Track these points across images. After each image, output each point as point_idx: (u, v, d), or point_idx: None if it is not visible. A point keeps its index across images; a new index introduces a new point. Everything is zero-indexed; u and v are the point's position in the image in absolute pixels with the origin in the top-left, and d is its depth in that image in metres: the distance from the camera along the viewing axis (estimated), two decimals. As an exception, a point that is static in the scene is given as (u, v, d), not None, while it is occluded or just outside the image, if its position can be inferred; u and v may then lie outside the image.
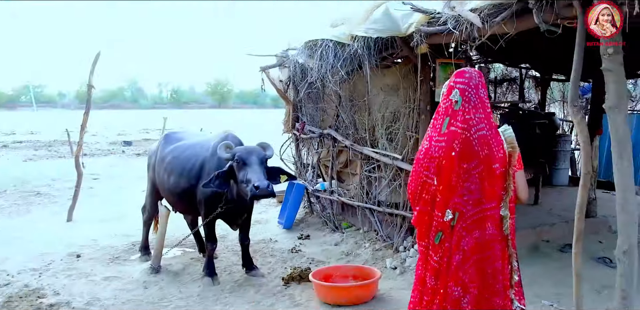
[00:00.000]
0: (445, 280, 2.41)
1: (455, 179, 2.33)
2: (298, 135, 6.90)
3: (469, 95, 2.34)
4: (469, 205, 2.35)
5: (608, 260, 4.81)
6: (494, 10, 3.22)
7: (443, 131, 2.37)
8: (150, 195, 5.40)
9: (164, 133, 5.42)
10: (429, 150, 2.42)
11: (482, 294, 2.42)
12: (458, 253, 2.38)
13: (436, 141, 2.39)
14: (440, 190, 2.38)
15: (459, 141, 2.30)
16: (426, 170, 2.43)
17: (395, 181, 5.31)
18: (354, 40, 4.78)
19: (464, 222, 2.36)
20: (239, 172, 4.02)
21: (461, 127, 2.31)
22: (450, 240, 2.39)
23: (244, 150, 4.07)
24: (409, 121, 4.97)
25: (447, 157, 2.33)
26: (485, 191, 2.36)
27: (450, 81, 2.45)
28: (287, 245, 6.05)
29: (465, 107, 2.32)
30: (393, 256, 5.14)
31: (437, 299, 2.44)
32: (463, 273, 2.38)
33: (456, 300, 2.39)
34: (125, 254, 5.78)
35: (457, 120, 2.32)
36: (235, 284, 4.72)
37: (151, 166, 5.27)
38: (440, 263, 2.43)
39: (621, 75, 2.94)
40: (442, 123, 2.37)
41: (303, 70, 6.04)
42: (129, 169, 12.85)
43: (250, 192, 3.83)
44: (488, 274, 2.42)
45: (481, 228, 2.38)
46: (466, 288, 2.39)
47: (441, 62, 4.86)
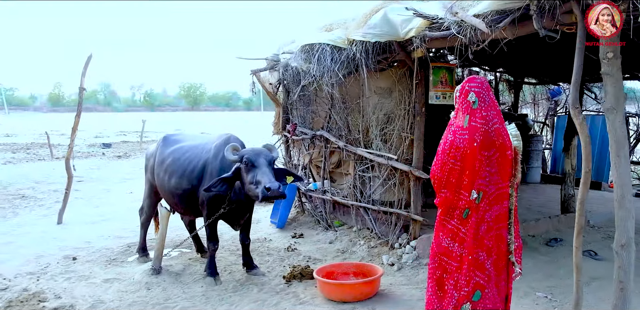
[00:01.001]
0: (472, 247, 2.84)
1: (478, 165, 2.75)
2: (289, 137, 7.01)
3: (484, 97, 2.81)
4: (491, 185, 2.80)
5: (593, 253, 5.07)
6: (497, 16, 3.40)
7: (465, 126, 2.78)
8: (148, 197, 5.43)
9: (163, 135, 5.44)
10: (454, 141, 2.82)
11: (500, 257, 2.91)
12: (483, 224, 2.83)
13: (460, 134, 2.80)
14: (466, 174, 2.79)
15: (480, 133, 2.73)
16: (453, 159, 2.83)
17: (389, 180, 5.48)
18: (352, 45, 4.93)
19: (487, 199, 2.80)
20: (247, 173, 4.08)
21: (480, 122, 2.75)
22: (477, 214, 2.82)
23: (251, 152, 4.14)
24: (404, 123, 5.14)
25: (470, 147, 2.75)
26: (501, 173, 2.82)
27: (464, 86, 2.89)
28: (282, 244, 6.15)
29: (481, 106, 2.79)
30: (389, 253, 5.30)
31: (464, 265, 2.84)
32: (488, 240, 2.85)
33: (481, 264, 2.84)
34: (122, 255, 5.79)
35: (476, 116, 2.77)
36: (237, 284, 4.79)
37: (149, 168, 5.30)
38: (466, 234, 2.86)
39: (619, 78, 3.14)
40: (464, 119, 2.79)
41: (297, 73, 6.15)
42: (111, 171, 12.72)
43: (261, 194, 3.89)
44: (504, 240, 2.92)
45: (499, 203, 2.85)
46: (490, 252, 2.86)
47: (434, 66, 5.07)
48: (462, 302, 2.87)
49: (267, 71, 7.21)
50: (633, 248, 3.29)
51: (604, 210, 6.83)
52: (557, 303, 4.11)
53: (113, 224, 7.20)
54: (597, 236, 5.80)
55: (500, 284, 2.97)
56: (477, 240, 2.84)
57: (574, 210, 6.33)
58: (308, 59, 5.30)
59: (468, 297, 2.86)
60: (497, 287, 2.93)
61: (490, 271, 2.89)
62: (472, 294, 2.86)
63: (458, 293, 2.89)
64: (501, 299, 2.98)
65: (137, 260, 5.55)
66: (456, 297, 2.90)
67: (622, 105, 3.24)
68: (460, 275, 2.88)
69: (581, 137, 3.32)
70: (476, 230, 2.84)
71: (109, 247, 6.08)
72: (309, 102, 6.73)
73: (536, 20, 3.41)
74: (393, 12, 4.43)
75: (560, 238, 5.52)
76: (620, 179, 3.21)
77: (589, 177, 3.32)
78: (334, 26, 5.51)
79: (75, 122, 6.53)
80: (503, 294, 3.00)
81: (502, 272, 2.98)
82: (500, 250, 2.93)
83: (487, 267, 2.87)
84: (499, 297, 2.94)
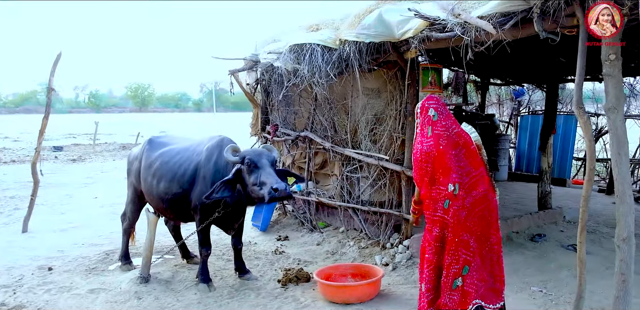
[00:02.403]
0: (457, 230, 3.21)
1: (449, 163, 3.17)
2: (270, 138, 6.90)
3: (441, 110, 3.29)
4: (464, 177, 3.21)
5: (577, 247, 5.26)
6: (502, 18, 3.47)
7: (429, 135, 3.25)
8: (131, 202, 5.20)
9: (148, 138, 5.21)
10: (422, 149, 3.28)
11: (484, 234, 3.28)
12: (464, 210, 3.19)
13: (426, 142, 3.26)
14: (440, 172, 3.21)
15: (443, 138, 3.19)
16: (425, 163, 3.27)
17: (379, 181, 5.49)
18: (343, 45, 4.91)
19: (463, 188, 3.19)
20: (249, 175, 3.96)
21: (441, 129, 3.22)
22: (457, 203, 3.19)
23: (253, 153, 4.03)
24: (396, 123, 5.17)
25: (437, 150, 3.19)
26: (472, 164, 3.26)
27: (423, 104, 3.37)
28: (268, 247, 6.05)
29: (440, 118, 3.26)
30: (381, 253, 5.32)
31: (452, 246, 3.23)
32: (470, 222, 3.21)
33: (465, 242, 3.21)
34: (101, 264, 5.51)
35: (437, 126, 3.24)
36: (232, 289, 4.66)
37: (133, 172, 5.07)
38: (450, 220, 3.23)
39: (620, 79, 3.27)
40: (427, 130, 3.27)
41: (280, 74, 6.06)
42: (69, 175, 12.15)
43: (268, 195, 3.79)
44: (487, 219, 3.28)
45: (476, 189, 3.24)
46: (472, 232, 3.23)
47: (423, 67, 5.13)
48: (454, 277, 3.24)
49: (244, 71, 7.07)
50: (633, 242, 3.42)
51: (576, 205, 7.14)
52: (553, 296, 4.24)
53: (85, 231, 6.85)
54: (576, 231, 6.00)
55: (485, 256, 3.32)
56: (460, 224, 3.21)
57: (551, 207, 6.62)
58: (298, 59, 5.22)
59: (459, 272, 3.24)
60: (481, 258, 3.30)
61: (474, 247, 3.26)
62: (462, 269, 3.24)
63: (449, 271, 3.25)
64: (487, 271, 3.33)
65: (119, 268, 5.29)
66: (451, 275, 3.25)
67: (622, 105, 3.38)
68: (450, 255, 3.24)
69: (585, 136, 3.44)
70: (459, 215, 3.21)
71: (85, 255, 5.77)
72: (291, 102, 6.66)
73: (537, 23, 3.50)
74: (388, 13, 4.44)
75: (543, 234, 5.72)
76: (621, 176, 3.33)
77: (592, 174, 3.45)
78: (322, 26, 5.47)
79: (43, 124, 6.17)
80: (488, 266, 3.34)
81: (485, 245, 3.32)
82: (482, 227, 3.29)
83: (471, 244, 3.24)
84: (483, 267, 3.30)
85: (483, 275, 3.28)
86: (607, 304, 3.98)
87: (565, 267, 4.84)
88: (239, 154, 4.03)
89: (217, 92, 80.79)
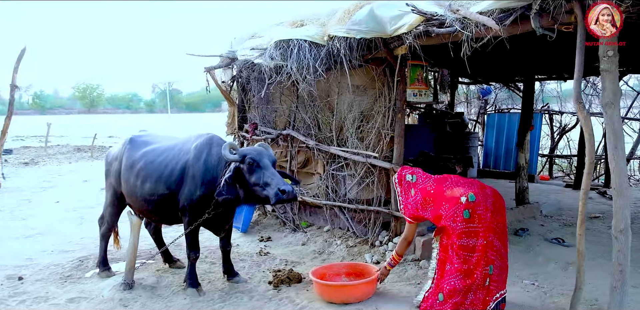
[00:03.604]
0: (486, 233, 3.49)
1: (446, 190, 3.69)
2: (248, 137, 6.74)
3: (417, 173, 3.92)
4: (472, 186, 3.65)
5: (561, 240, 5.42)
6: (502, 14, 3.49)
7: (413, 194, 3.84)
8: (110, 205, 4.92)
9: (128, 137, 4.93)
10: (416, 202, 3.80)
11: (503, 230, 3.65)
12: (488, 211, 3.52)
13: (413, 200, 3.82)
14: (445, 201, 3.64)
15: (430, 185, 3.79)
16: (423, 209, 3.78)
17: (366, 178, 5.45)
18: (332, 41, 4.83)
19: (478, 194, 3.54)
20: (251, 174, 3.80)
21: (423, 182, 3.83)
22: (480, 208, 3.51)
23: (254, 152, 3.87)
24: (384, 120, 5.13)
25: (429, 194, 3.74)
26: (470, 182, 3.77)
27: (400, 173, 3.99)
28: (251, 248, 5.89)
29: (418, 177, 3.88)
30: (371, 251, 5.28)
31: (482, 250, 3.47)
32: (494, 223, 3.53)
33: (491, 243, 3.50)
34: (76, 271, 5.18)
35: (417, 183, 3.85)
36: (222, 293, 4.49)
37: (113, 173, 4.80)
38: (478, 226, 3.51)
39: (617, 75, 3.34)
40: (410, 192, 3.86)
41: (261, 71, 5.90)
42: (24, 179, 11.47)
43: (275, 197, 3.65)
44: (503, 211, 3.69)
45: (485, 188, 3.68)
46: (495, 231, 3.53)
47: (411, 64, 5.13)
48: (485, 278, 3.51)
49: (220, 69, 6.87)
50: (630, 233, 3.52)
51: (549, 200, 7.37)
52: (546, 289, 4.31)
53: (52, 238, 6.46)
54: (554, 225, 6.23)
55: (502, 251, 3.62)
56: (487, 227, 3.49)
57: (529, 202, 6.78)
58: (284, 56, 5.10)
59: (487, 273, 3.50)
60: (501, 255, 3.61)
61: (497, 247, 3.56)
62: (489, 269, 3.50)
63: (481, 273, 3.49)
64: (503, 264, 3.65)
65: (97, 275, 4.99)
66: (482, 276, 3.51)
67: (619, 100, 3.46)
68: (481, 259, 3.50)
69: (585, 130, 3.50)
70: (485, 218, 3.50)
71: (57, 262, 5.42)
72: (271, 100, 6.52)
73: (534, 19, 3.55)
74: (380, 9, 4.40)
75: (525, 228, 5.84)
76: (619, 169, 3.41)
77: (591, 168, 3.52)
78: (307, 22, 5.38)
79: (6, 124, 5.69)
80: (504, 260, 3.66)
81: (503, 240, 3.64)
82: (503, 223, 3.64)
83: (495, 244, 3.53)
84: (501, 262, 3.62)
85: (501, 267, 3.60)
86: (599, 294, 4.09)
87: (552, 260, 4.95)
88: (238, 152, 3.86)
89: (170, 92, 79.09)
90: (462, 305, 3.55)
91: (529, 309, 3.83)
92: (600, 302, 3.95)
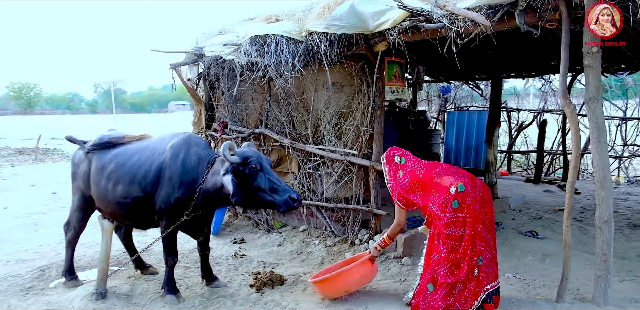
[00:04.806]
0: (473, 224, 3.49)
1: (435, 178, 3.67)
2: (217, 136, 6.52)
3: (405, 155, 3.91)
4: (462, 176, 3.61)
5: (535, 233, 5.56)
6: (490, 10, 3.51)
7: (401, 176, 3.81)
8: (78, 210, 4.60)
9: (97, 137, 4.62)
10: (405, 184, 3.77)
11: (491, 221, 3.64)
12: (476, 202, 3.51)
13: (402, 182, 3.79)
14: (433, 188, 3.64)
15: (419, 169, 3.77)
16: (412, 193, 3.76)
17: (344, 177, 5.38)
18: (311, 36, 4.72)
19: (468, 184, 3.54)
20: (254, 178, 3.62)
21: (411, 165, 3.82)
22: (468, 198, 3.50)
23: (254, 154, 3.68)
24: (363, 117, 5.08)
25: (417, 178, 3.73)
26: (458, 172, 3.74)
27: (388, 154, 3.95)
28: (225, 251, 5.70)
29: (407, 160, 3.87)
30: (351, 250, 5.21)
31: (470, 240, 3.48)
32: (482, 214, 3.53)
33: (480, 234, 3.51)
34: (39, 282, 4.82)
35: (406, 166, 3.84)
36: (203, 298, 4.29)
37: (80, 176, 4.49)
38: (467, 216, 3.49)
39: (599, 71, 3.45)
40: (398, 174, 3.83)
41: (232, 67, 5.71)
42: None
43: (285, 205, 3.53)
44: (490, 203, 3.66)
45: (475, 179, 3.65)
46: (484, 223, 3.55)
47: (388, 61, 5.10)
48: (473, 269, 3.51)
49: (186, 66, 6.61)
50: (612, 223, 3.64)
51: (513, 194, 7.58)
52: (528, 281, 4.41)
53: (5, 246, 5.98)
54: (524, 218, 6.40)
55: (490, 243, 3.64)
56: (475, 217, 3.50)
57: (498, 197, 6.94)
58: (260, 52, 4.93)
59: (476, 263, 3.51)
60: (489, 246, 3.62)
61: (486, 238, 3.56)
62: (477, 260, 3.50)
63: (471, 263, 3.49)
64: (492, 256, 3.65)
65: (63, 285, 4.66)
66: (471, 267, 3.51)
67: (600, 95, 3.57)
68: (469, 249, 3.49)
69: (571, 125, 3.59)
70: (474, 209, 3.51)
71: (15, 273, 5.01)
72: (241, 98, 6.33)
73: (519, 16, 3.60)
74: (362, 4, 4.34)
75: (499, 222, 5.95)
76: (602, 162, 3.54)
77: (578, 161, 3.61)
78: (281, 17, 5.24)
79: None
80: (493, 252, 3.67)
81: (491, 231, 3.64)
82: (491, 214, 3.64)
83: (484, 235, 3.54)
84: (490, 254, 3.62)
85: (491, 259, 3.61)
86: (579, 284, 4.22)
87: (528, 252, 5.07)
88: (238, 154, 3.67)
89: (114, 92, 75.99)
90: (452, 295, 3.54)
91: (517, 301, 3.88)
92: (582, 291, 4.05)
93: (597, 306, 3.64)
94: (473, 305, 3.50)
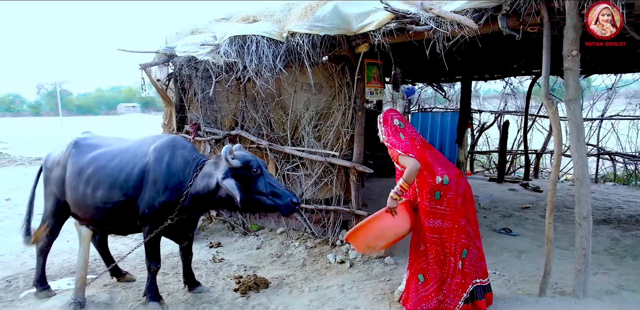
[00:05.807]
0: (455, 217, 3.53)
1: (429, 159, 3.60)
2: (190, 139, 6.36)
3: (403, 120, 3.81)
4: (450, 169, 3.63)
5: (508, 230, 5.74)
6: (476, 14, 3.61)
7: (403, 138, 3.66)
8: (52, 216, 4.38)
9: (72, 140, 4.40)
10: (407, 146, 3.61)
11: (474, 218, 3.70)
12: (459, 197, 3.55)
13: (404, 141, 3.64)
14: (424, 168, 3.55)
15: (417, 141, 3.68)
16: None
17: (324, 178, 5.39)
18: (293, 37, 4.71)
19: (453, 178, 3.55)
20: (255, 182, 3.55)
21: (410, 134, 3.73)
22: (450, 192, 3.52)
23: (253, 158, 3.63)
24: (344, 118, 5.10)
25: (415, 149, 3.58)
26: (446, 160, 3.74)
27: (386, 114, 3.82)
28: (203, 255, 5.57)
29: (404, 125, 3.77)
30: (332, 251, 5.22)
31: (453, 233, 3.53)
32: (465, 208, 3.59)
33: (463, 228, 3.55)
34: (6, 293, 4.55)
35: (406, 131, 3.73)
36: (188, 304, 4.19)
37: (54, 180, 4.28)
38: (446, 209, 3.54)
39: (578, 73, 3.60)
40: (399, 135, 3.68)
41: (206, 68, 5.60)
42: None
43: (287, 209, 3.52)
44: (473, 203, 3.73)
45: (462, 177, 3.68)
46: (468, 217, 3.61)
47: (367, 62, 5.15)
48: (457, 261, 3.56)
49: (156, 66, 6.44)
50: (591, 219, 3.81)
51: (480, 193, 7.80)
52: (508, 277, 4.54)
53: (-38, 257, 5.63)
54: (495, 216, 6.60)
55: (476, 239, 3.70)
56: (457, 211, 3.54)
57: (469, 195, 7.10)
58: (239, 52, 4.86)
59: (460, 256, 3.56)
60: (475, 244, 3.66)
61: (471, 232, 3.63)
62: (461, 253, 3.56)
63: (455, 256, 3.55)
64: (478, 251, 3.70)
65: (35, 296, 4.42)
66: (456, 259, 3.56)
67: (580, 97, 3.73)
68: (453, 242, 3.55)
69: (553, 124, 3.73)
70: (455, 203, 3.55)
71: (-22, 285, 4.73)
72: (215, 99, 6.22)
73: (501, 20, 3.72)
74: (345, 5, 4.36)
75: (473, 220, 6.11)
76: (581, 161, 3.69)
77: (559, 160, 3.76)
78: (260, 17, 5.19)
79: None
80: (479, 247, 3.72)
81: (475, 227, 3.71)
82: (473, 212, 3.70)
83: (467, 229, 3.60)
84: (476, 248, 3.67)
85: (477, 255, 3.68)
86: (556, 279, 4.37)
87: (505, 249, 5.24)
88: (238, 158, 3.58)
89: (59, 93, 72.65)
90: (441, 291, 3.59)
91: (502, 297, 3.99)
92: (560, 285, 4.21)
93: (577, 298, 3.79)
94: (462, 297, 3.55)
